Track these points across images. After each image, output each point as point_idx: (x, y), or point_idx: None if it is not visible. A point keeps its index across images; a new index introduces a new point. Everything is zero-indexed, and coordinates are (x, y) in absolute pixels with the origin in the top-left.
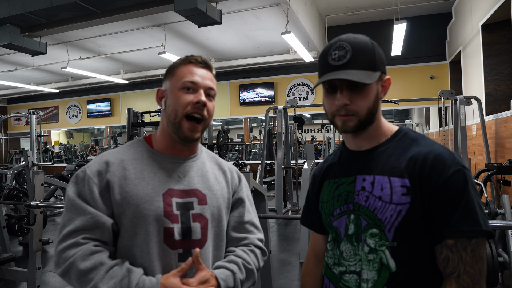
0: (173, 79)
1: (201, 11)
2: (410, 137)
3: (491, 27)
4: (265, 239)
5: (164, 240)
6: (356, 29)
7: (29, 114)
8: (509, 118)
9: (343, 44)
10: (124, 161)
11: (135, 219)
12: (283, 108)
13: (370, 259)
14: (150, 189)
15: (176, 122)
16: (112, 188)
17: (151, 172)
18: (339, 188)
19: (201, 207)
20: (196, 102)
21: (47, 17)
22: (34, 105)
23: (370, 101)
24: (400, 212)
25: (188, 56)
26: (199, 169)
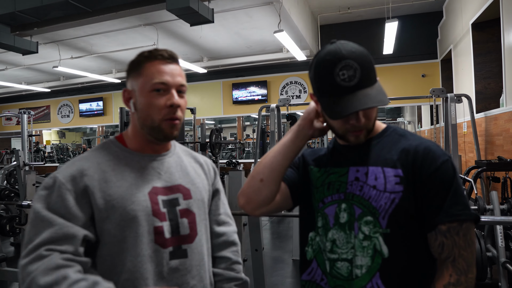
0: (140, 79)
1: (194, 10)
2: (398, 133)
3: (481, 26)
4: (258, 237)
5: (155, 240)
6: (348, 27)
7: (20, 113)
8: (498, 116)
9: (349, 62)
10: (101, 164)
11: (122, 222)
12: (276, 106)
13: (364, 246)
14: (134, 189)
15: (154, 127)
16: (93, 193)
17: (132, 171)
18: (330, 177)
19: (187, 202)
20: (170, 105)
21: (38, 16)
22: (25, 105)
23: (377, 111)
24: (394, 200)
25: (153, 51)
26: (177, 164)
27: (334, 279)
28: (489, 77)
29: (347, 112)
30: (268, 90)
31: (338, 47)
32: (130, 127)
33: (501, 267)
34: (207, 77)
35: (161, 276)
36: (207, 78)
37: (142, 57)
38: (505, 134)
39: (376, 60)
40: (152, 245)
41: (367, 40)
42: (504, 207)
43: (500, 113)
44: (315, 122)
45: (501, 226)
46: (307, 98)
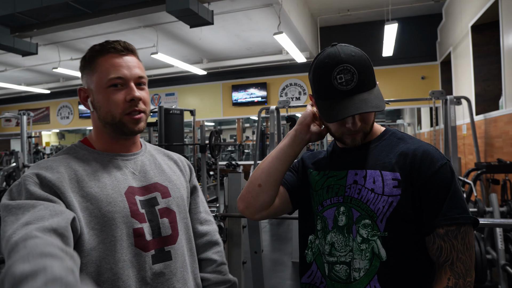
0: (95, 76)
1: (193, 12)
2: (397, 136)
3: (480, 28)
4: (257, 239)
5: (135, 243)
6: (348, 29)
7: (19, 115)
8: (498, 118)
9: (347, 67)
10: (71, 164)
11: (98, 225)
12: (276, 108)
13: (362, 249)
14: (109, 190)
15: (116, 123)
16: (64, 192)
17: (104, 172)
18: (329, 180)
19: (166, 201)
20: (130, 100)
21: (38, 17)
22: (24, 106)
23: (373, 115)
24: (392, 204)
25: (105, 44)
26: (151, 162)
27: (333, 282)
28: (488, 79)
29: (342, 116)
30: (267, 92)
31: (338, 50)
32: (93, 127)
33: (501, 270)
34: (206, 79)
35: (145, 282)
36: (207, 79)
37: (93, 52)
38: (504, 136)
39: (375, 62)
40: (132, 249)
41: (367, 42)
42: (504, 209)
43: (499, 115)
44: (312, 126)
45: (500, 229)
46: (306, 100)
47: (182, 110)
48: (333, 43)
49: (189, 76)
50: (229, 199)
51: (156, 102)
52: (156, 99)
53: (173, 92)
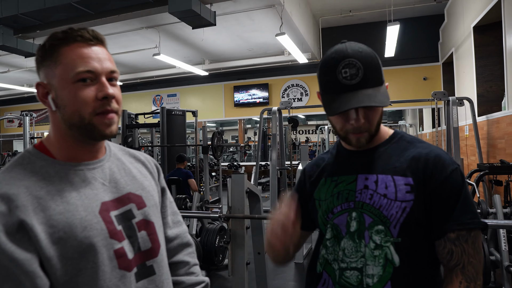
0: (58, 69)
1: (196, 13)
2: (406, 140)
3: (483, 29)
4: (260, 240)
5: (119, 265)
6: (350, 30)
7: (22, 116)
8: (500, 119)
9: (353, 61)
10: (30, 188)
11: (75, 254)
12: (278, 109)
13: (375, 255)
14: (82, 212)
15: (84, 125)
16: (32, 229)
17: (72, 189)
18: (338, 186)
19: (142, 212)
20: (102, 97)
21: (41, 19)
22: (27, 107)
23: (379, 115)
24: (405, 209)
25: (69, 32)
26: (120, 168)
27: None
28: (491, 80)
29: (343, 108)
30: (269, 93)
31: (345, 46)
32: (52, 130)
33: (504, 271)
34: (208, 80)
35: None
36: (209, 80)
37: (55, 40)
38: (507, 137)
39: None
40: (117, 272)
41: (369, 43)
42: (507, 210)
43: (502, 116)
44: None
45: (504, 230)
46: (308, 101)
47: (184, 111)
48: (343, 40)
49: (191, 77)
50: (232, 200)
51: (158, 103)
52: (158, 100)
53: (175, 93)
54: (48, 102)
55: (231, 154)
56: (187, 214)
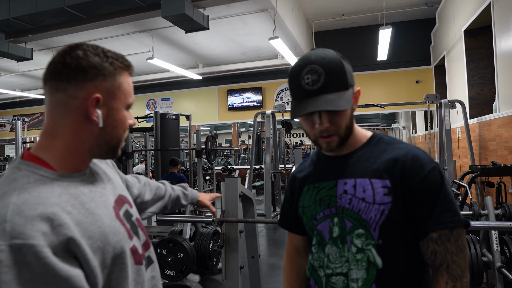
0: (120, 93)
1: (189, 17)
2: (384, 141)
3: (473, 33)
4: (254, 243)
5: (135, 261)
6: (342, 34)
7: (14, 120)
8: (492, 121)
9: (314, 67)
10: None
11: (110, 260)
12: (271, 113)
13: (358, 259)
14: (106, 219)
15: (117, 146)
16: (80, 244)
17: (90, 200)
18: (320, 192)
19: (133, 210)
20: (132, 125)
21: (33, 23)
22: (19, 112)
23: (347, 117)
24: (384, 212)
25: (125, 60)
26: (102, 172)
27: None
28: (482, 83)
29: (301, 113)
30: (263, 96)
31: (310, 53)
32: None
33: (496, 272)
34: (202, 84)
35: None
36: (202, 84)
37: (117, 62)
38: (498, 139)
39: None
40: (135, 267)
41: (361, 46)
42: (499, 212)
43: (493, 118)
44: None
45: (496, 231)
46: None
47: (177, 115)
48: (313, 47)
49: (185, 81)
50: (226, 204)
51: (151, 107)
52: (151, 104)
53: (169, 97)
54: (96, 116)
55: (225, 158)
56: (181, 218)
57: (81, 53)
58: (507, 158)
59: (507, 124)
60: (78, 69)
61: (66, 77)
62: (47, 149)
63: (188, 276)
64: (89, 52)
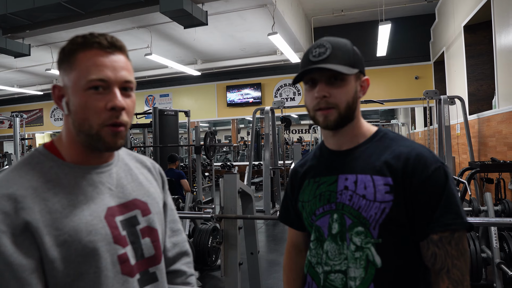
0: (73, 74)
1: (187, 12)
2: (389, 137)
3: (473, 28)
4: (253, 240)
5: (122, 271)
6: (342, 30)
7: (12, 117)
8: (491, 117)
9: (323, 42)
10: (38, 189)
11: (79, 257)
12: (270, 109)
13: (356, 257)
14: (88, 216)
15: (92, 134)
16: (37, 230)
17: (79, 193)
18: (320, 187)
19: (146, 219)
20: (111, 108)
21: (30, 18)
22: (17, 108)
23: (349, 95)
24: (384, 210)
25: (88, 37)
26: (127, 173)
27: None
28: (481, 79)
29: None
30: (262, 92)
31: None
32: (65, 132)
33: (495, 268)
34: (201, 80)
35: None
36: (201, 80)
37: (74, 45)
38: (497, 135)
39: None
40: (120, 277)
41: (361, 42)
42: (498, 208)
43: (492, 114)
44: None
45: (495, 228)
46: (301, 100)
47: (176, 111)
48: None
49: (184, 77)
50: (225, 200)
51: (150, 103)
52: (150, 100)
53: (168, 93)
54: (61, 105)
55: (224, 154)
56: (179, 214)
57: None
58: (507, 154)
59: (506, 120)
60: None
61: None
62: (60, 139)
63: None
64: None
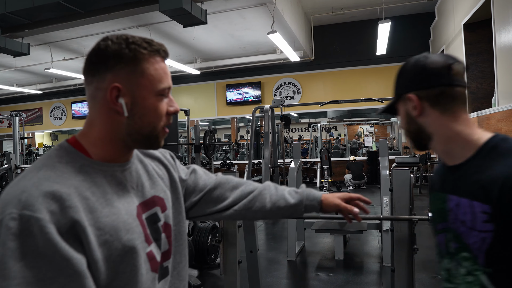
0: (143, 79)
1: (186, 11)
2: (497, 151)
3: (473, 27)
4: (252, 238)
5: (152, 268)
6: (342, 28)
7: (11, 116)
8: (491, 116)
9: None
10: (79, 188)
11: (118, 257)
12: (270, 107)
13: (469, 281)
14: (124, 215)
15: (153, 135)
16: (84, 230)
17: (112, 191)
18: (437, 203)
19: (164, 215)
20: (174, 112)
21: (29, 18)
22: (17, 107)
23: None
24: (485, 240)
25: (153, 44)
26: (144, 171)
27: None
28: (481, 77)
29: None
30: (262, 91)
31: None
32: (99, 130)
33: None
34: (200, 79)
35: None
36: (201, 79)
37: (139, 48)
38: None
39: (369, 61)
40: (150, 274)
41: (360, 41)
42: None
43: (492, 112)
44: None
45: None
46: (301, 99)
47: None
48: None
49: (183, 76)
50: None
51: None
52: None
53: None
54: (119, 105)
55: (223, 153)
56: None
57: (103, 44)
58: None
59: (506, 118)
60: (99, 61)
61: (91, 71)
62: (86, 136)
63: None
64: (110, 42)
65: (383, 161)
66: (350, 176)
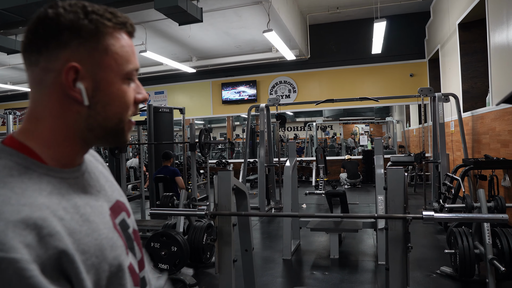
0: (108, 58)
1: (182, 9)
2: None
3: (468, 26)
4: (247, 237)
5: (134, 282)
6: (337, 27)
7: (5, 114)
8: (485, 115)
9: None
10: (50, 207)
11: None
12: (266, 106)
13: None
14: (103, 229)
15: (118, 129)
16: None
17: (84, 204)
18: None
19: (130, 220)
20: (142, 100)
21: (23, 15)
22: (11, 105)
23: None
24: None
25: (119, 16)
26: (99, 172)
27: None
28: (475, 77)
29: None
30: (257, 90)
31: None
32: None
33: (488, 264)
34: (196, 77)
35: None
36: (196, 78)
37: (102, 20)
38: (491, 132)
39: (364, 60)
40: None
41: (356, 40)
42: (491, 204)
43: (486, 112)
44: None
45: (488, 224)
46: (296, 97)
47: (171, 108)
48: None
49: (179, 74)
50: (219, 197)
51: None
52: None
53: (163, 90)
54: (78, 91)
55: (219, 152)
56: (174, 212)
57: (52, 12)
58: (500, 151)
59: (500, 117)
60: (48, 34)
61: (36, 46)
62: (31, 134)
63: (181, 270)
64: (62, 10)
65: (378, 160)
66: (345, 175)
